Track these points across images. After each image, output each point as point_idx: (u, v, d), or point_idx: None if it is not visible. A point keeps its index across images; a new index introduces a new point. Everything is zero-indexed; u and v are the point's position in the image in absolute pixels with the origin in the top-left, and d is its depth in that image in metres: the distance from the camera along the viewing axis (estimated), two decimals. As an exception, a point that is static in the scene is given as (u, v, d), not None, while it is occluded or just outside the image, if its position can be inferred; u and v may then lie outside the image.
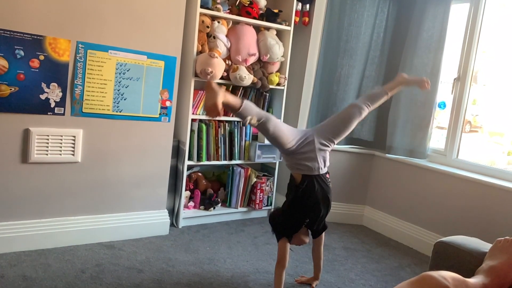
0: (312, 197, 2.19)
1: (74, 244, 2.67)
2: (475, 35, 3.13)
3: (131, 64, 2.70)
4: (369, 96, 2.37)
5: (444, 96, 3.37)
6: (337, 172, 3.70)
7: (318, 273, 2.49)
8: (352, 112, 2.28)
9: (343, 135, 2.29)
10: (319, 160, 2.19)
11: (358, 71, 3.57)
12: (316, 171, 2.19)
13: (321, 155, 2.20)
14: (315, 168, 2.18)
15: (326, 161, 2.25)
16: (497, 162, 3.75)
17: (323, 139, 2.21)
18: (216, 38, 3.08)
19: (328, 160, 2.26)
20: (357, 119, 2.27)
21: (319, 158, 2.19)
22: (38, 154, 2.47)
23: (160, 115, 2.88)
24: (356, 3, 3.48)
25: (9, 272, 2.26)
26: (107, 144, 2.71)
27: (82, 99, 2.57)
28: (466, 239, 1.64)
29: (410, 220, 3.39)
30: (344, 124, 2.26)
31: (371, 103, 2.31)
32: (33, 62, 2.39)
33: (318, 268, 2.48)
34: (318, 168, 2.19)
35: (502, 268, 1.28)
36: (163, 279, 2.39)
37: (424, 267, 2.92)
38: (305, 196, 2.19)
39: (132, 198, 2.87)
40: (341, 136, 2.29)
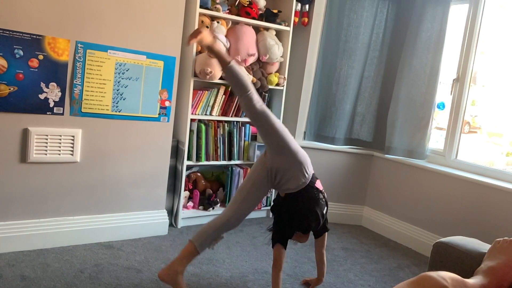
0: (296, 212, 2.12)
1: (73, 244, 2.67)
2: (474, 35, 3.13)
3: (130, 64, 2.70)
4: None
5: (443, 96, 3.37)
6: (336, 173, 3.70)
7: (321, 277, 2.40)
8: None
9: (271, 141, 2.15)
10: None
11: (357, 72, 3.58)
12: (300, 186, 2.12)
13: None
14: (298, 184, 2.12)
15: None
16: (496, 163, 3.76)
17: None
18: (215, 38, 3.08)
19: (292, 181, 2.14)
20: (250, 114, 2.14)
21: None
22: (37, 154, 2.47)
23: (159, 115, 2.88)
24: (355, 4, 3.48)
25: (8, 272, 2.26)
26: (106, 144, 2.71)
27: (81, 99, 2.57)
28: (465, 239, 1.65)
29: (409, 221, 3.39)
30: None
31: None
32: (32, 62, 2.38)
33: (321, 272, 2.39)
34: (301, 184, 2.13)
35: (501, 269, 1.28)
36: (162, 279, 2.38)
37: (423, 267, 2.92)
38: (288, 211, 2.13)
39: (131, 198, 2.87)
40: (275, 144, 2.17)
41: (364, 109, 3.66)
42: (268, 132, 2.09)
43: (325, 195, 2.21)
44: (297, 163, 2.10)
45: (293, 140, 2.14)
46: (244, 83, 2.06)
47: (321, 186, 2.22)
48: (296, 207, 2.11)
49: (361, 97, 3.65)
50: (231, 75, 2.07)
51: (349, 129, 3.70)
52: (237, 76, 2.06)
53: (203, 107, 3.18)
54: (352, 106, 3.64)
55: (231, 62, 2.06)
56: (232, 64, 2.06)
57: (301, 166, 2.11)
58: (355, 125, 3.70)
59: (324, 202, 2.18)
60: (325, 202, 2.20)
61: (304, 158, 2.14)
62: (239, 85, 2.07)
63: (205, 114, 3.21)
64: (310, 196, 2.12)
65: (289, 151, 2.10)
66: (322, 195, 2.18)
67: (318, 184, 2.21)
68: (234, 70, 2.06)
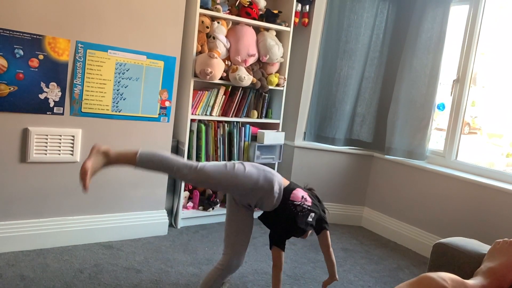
0: (280, 226, 2.05)
1: (73, 244, 2.67)
2: (474, 36, 3.13)
3: (131, 64, 2.70)
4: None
5: (443, 97, 3.37)
6: (336, 173, 3.70)
7: (331, 277, 2.20)
8: None
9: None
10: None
11: (357, 72, 3.58)
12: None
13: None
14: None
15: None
16: (496, 164, 3.75)
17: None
18: (215, 39, 3.08)
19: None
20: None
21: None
22: (37, 153, 2.47)
23: (159, 115, 2.88)
24: (356, 4, 3.48)
25: (7, 271, 2.25)
26: (106, 144, 2.67)
27: (81, 99, 2.57)
28: (465, 240, 1.64)
29: (409, 222, 3.39)
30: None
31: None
32: (33, 62, 2.38)
33: (330, 271, 2.21)
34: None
35: (501, 270, 1.28)
36: (161, 279, 2.38)
37: (423, 268, 2.92)
38: (274, 223, 2.08)
39: (131, 198, 2.86)
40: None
41: (364, 109, 3.66)
42: (218, 186, 2.02)
43: (305, 202, 2.04)
44: (262, 191, 1.99)
45: (248, 173, 1.96)
46: (164, 164, 1.88)
47: (299, 195, 2.05)
48: (278, 223, 2.04)
49: (361, 97, 3.65)
50: (146, 165, 1.88)
51: (349, 129, 3.70)
52: (153, 161, 1.88)
53: (203, 108, 3.18)
54: (352, 106, 3.64)
55: (137, 153, 1.85)
56: (139, 155, 1.85)
57: (268, 192, 1.98)
58: (355, 125, 3.70)
59: (307, 209, 2.03)
60: (309, 209, 2.04)
61: (267, 182, 1.98)
62: (161, 167, 1.89)
63: (205, 114, 3.21)
64: (287, 216, 2.01)
65: (251, 188, 1.97)
66: (301, 206, 2.02)
67: (296, 194, 2.05)
68: (145, 159, 1.86)
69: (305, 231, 2.06)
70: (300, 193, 2.07)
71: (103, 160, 1.85)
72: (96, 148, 1.85)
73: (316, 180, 3.68)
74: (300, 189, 2.11)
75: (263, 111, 3.48)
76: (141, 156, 1.85)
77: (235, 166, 1.97)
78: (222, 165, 1.97)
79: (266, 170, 2.04)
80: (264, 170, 2.03)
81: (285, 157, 3.67)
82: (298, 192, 2.06)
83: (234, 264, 2.05)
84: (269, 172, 2.04)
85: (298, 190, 2.08)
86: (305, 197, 2.07)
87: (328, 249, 2.17)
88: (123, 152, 1.88)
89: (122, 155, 1.87)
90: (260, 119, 3.45)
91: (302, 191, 2.10)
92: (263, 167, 2.06)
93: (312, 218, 2.07)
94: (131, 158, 1.86)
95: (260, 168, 2.03)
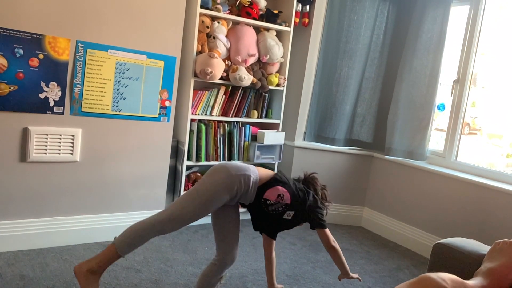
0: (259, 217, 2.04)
1: (72, 244, 2.67)
2: (474, 37, 3.13)
3: (131, 63, 2.70)
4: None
5: (443, 98, 3.38)
6: (336, 174, 3.70)
7: (343, 274, 2.08)
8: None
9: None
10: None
11: (357, 73, 3.58)
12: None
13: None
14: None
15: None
16: (496, 164, 3.75)
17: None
18: (216, 39, 3.08)
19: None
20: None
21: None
22: (36, 153, 2.47)
23: (159, 115, 2.88)
24: (356, 5, 3.48)
25: (7, 271, 2.25)
26: (106, 143, 2.71)
27: (81, 99, 2.57)
28: (465, 241, 1.64)
29: (408, 222, 3.39)
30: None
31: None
32: (33, 61, 2.38)
33: (341, 270, 2.08)
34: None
35: (500, 270, 1.28)
36: (161, 279, 2.38)
37: (423, 269, 2.92)
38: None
39: (131, 198, 2.86)
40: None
41: (364, 110, 3.66)
42: (202, 214, 1.92)
43: (281, 200, 1.95)
44: (240, 194, 1.92)
45: (219, 190, 1.87)
46: (144, 235, 1.86)
47: (276, 194, 1.95)
48: (259, 217, 2.04)
49: (361, 98, 3.65)
50: (131, 247, 1.85)
51: (349, 130, 3.70)
52: (134, 241, 1.85)
53: (203, 107, 3.18)
54: (352, 107, 3.64)
55: (115, 247, 1.83)
56: (117, 247, 1.83)
57: (244, 192, 1.92)
58: (355, 126, 3.70)
59: (282, 209, 1.95)
60: (283, 208, 1.96)
61: (243, 184, 1.90)
62: (145, 239, 1.87)
63: (205, 114, 3.21)
64: (259, 213, 1.99)
65: (229, 199, 1.91)
66: (275, 206, 1.95)
67: (272, 192, 1.95)
68: (125, 245, 1.83)
69: (286, 227, 2.04)
70: (277, 191, 1.95)
71: (94, 277, 1.82)
72: (78, 272, 1.81)
73: (316, 180, 3.68)
74: (280, 187, 1.96)
75: (263, 111, 3.48)
76: (120, 246, 1.84)
77: (204, 188, 1.88)
78: (195, 196, 1.88)
79: (239, 173, 1.91)
80: (237, 173, 1.91)
81: (285, 157, 3.67)
82: (276, 191, 1.95)
83: (229, 259, 2.04)
84: (243, 173, 1.92)
85: (276, 189, 1.95)
86: (283, 196, 1.95)
87: (330, 248, 2.02)
88: (102, 256, 1.84)
89: (104, 259, 1.84)
90: (260, 119, 3.45)
91: (283, 189, 1.97)
92: (236, 167, 1.94)
93: (290, 215, 1.99)
94: (113, 255, 1.84)
95: (233, 174, 1.90)
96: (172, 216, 1.86)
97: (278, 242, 3.13)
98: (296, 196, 2.00)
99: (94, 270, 1.82)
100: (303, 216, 2.03)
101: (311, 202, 2.03)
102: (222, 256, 2.03)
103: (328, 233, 2.04)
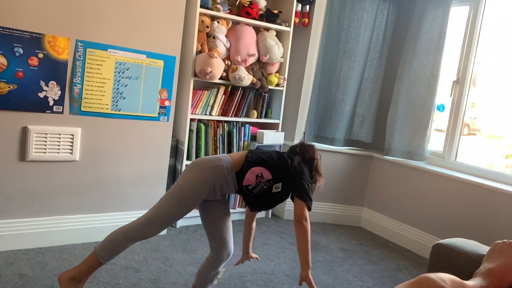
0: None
1: (71, 243, 2.66)
2: (474, 38, 3.13)
3: (130, 63, 2.70)
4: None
5: (443, 98, 3.38)
6: (335, 174, 3.70)
7: (304, 267, 1.86)
8: None
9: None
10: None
11: (357, 73, 3.58)
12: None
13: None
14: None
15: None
16: (495, 165, 3.75)
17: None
18: (215, 38, 3.08)
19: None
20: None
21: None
22: (36, 152, 2.47)
23: (159, 115, 2.88)
24: (356, 5, 3.48)
25: (6, 270, 2.25)
26: (105, 143, 2.70)
27: (81, 98, 2.56)
28: (464, 241, 1.64)
29: (408, 222, 3.39)
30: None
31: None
32: (32, 60, 2.38)
33: (302, 261, 1.88)
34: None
35: (500, 271, 1.28)
36: (160, 278, 2.38)
37: (422, 269, 2.92)
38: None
39: (130, 198, 2.86)
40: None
41: (364, 110, 3.66)
42: (176, 218, 1.92)
43: (262, 179, 1.87)
44: (219, 187, 1.87)
45: (196, 187, 1.84)
46: (123, 242, 1.89)
47: (254, 175, 1.86)
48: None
49: (361, 98, 3.65)
50: (112, 253, 1.89)
51: (348, 130, 3.70)
52: (114, 247, 1.88)
53: (203, 107, 3.18)
54: (352, 107, 3.65)
55: (95, 254, 1.87)
56: (98, 254, 1.86)
57: (224, 184, 1.87)
58: (354, 126, 3.70)
59: (266, 186, 1.88)
60: (267, 185, 1.88)
61: (219, 178, 1.85)
62: (126, 245, 1.90)
63: (204, 114, 3.20)
64: (251, 198, 1.93)
65: (209, 193, 1.87)
66: (258, 187, 1.88)
67: (249, 177, 1.87)
68: (105, 251, 1.87)
69: (280, 200, 1.93)
70: (254, 173, 1.87)
71: (76, 285, 1.86)
72: (60, 280, 1.86)
73: (315, 180, 3.68)
74: (255, 168, 1.87)
75: (263, 111, 3.48)
76: (100, 253, 1.85)
77: (178, 188, 1.85)
78: (170, 196, 1.86)
79: (210, 165, 1.86)
80: (208, 166, 1.86)
81: (284, 157, 3.66)
82: (252, 173, 1.87)
83: (225, 254, 2.02)
84: (214, 165, 1.86)
85: (251, 171, 1.87)
86: (262, 174, 1.87)
87: (298, 223, 1.83)
88: (84, 264, 1.87)
89: (85, 267, 1.87)
90: (260, 119, 3.45)
91: (258, 168, 1.87)
92: (207, 161, 1.89)
93: (279, 188, 1.90)
94: (94, 262, 1.86)
95: (204, 168, 1.86)
96: (149, 220, 1.86)
97: (278, 242, 3.13)
98: (277, 167, 1.88)
99: (77, 278, 1.85)
100: (290, 183, 1.90)
101: (296, 167, 1.90)
102: (217, 251, 2.02)
103: (305, 208, 1.84)
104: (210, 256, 2.05)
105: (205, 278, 2.06)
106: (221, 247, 2.01)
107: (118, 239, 1.88)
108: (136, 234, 1.87)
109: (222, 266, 2.07)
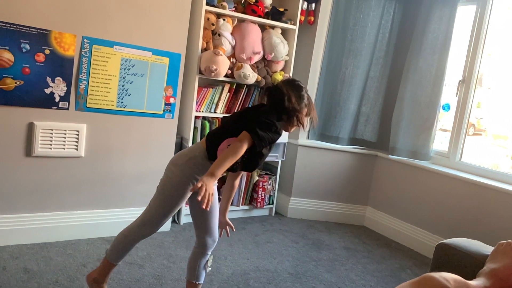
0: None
1: (76, 238, 2.68)
2: (481, 37, 3.11)
3: (136, 60, 2.70)
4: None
5: (448, 98, 3.36)
6: (339, 172, 3.70)
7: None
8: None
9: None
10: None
11: (362, 72, 3.57)
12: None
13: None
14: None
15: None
16: (501, 166, 3.73)
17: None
18: (221, 36, 3.08)
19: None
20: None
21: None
22: (42, 148, 2.48)
23: (164, 112, 2.88)
24: (362, 3, 3.47)
25: (11, 264, 2.27)
26: (110, 139, 2.72)
27: (86, 94, 2.58)
28: (468, 241, 1.64)
29: (411, 222, 3.38)
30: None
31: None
32: (39, 56, 2.39)
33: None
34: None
35: (503, 271, 1.27)
36: (163, 275, 2.39)
37: (425, 269, 2.91)
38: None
39: (135, 194, 2.87)
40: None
41: (369, 109, 3.66)
42: (167, 215, 1.92)
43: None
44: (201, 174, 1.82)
45: (171, 176, 1.86)
46: (128, 243, 1.96)
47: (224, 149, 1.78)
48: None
49: (366, 97, 3.64)
50: (121, 254, 1.99)
51: (353, 129, 3.69)
52: (120, 249, 1.97)
53: (208, 104, 3.18)
54: (357, 106, 3.64)
55: (105, 253, 2.00)
56: (108, 257, 1.97)
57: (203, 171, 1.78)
58: (359, 125, 3.69)
59: (244, 156, 1.75)
60: (243, 156, 1.76)
61: (188, 168, 1.84)
62: (131, 245, 1.98)
63: (209, 111, 3.21)
64: (239, 168, 1.89)
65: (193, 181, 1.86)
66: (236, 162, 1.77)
67: (221, 151, 1.80)
68: (115, 253, 1.97)
69: (260, 155, 1.84)
70: (223, 148, 1.78)
71: (98, 285, 2.01)
72: (87, 280, 2.03)
73: (319, 179, 3.68)
74: (220, 145, 1.80)
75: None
76: (110, 256, 1.97)
77: (162, 187, 1.89)
78: (157, 197, 1.90)
79: (185, 158, 1.85)
80: (184, 160, 1.85)
81: (288, 155, 3.67)
82: (222, 151, 1.78)
83: (209, 241, 2.00)
84: (189, 157, 1.84)
85: (220, 149, 1.80)
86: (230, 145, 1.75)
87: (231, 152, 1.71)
88: (100, 267, 2.01)
89: (102, 269, 2.00)
90: (264, 117, 3.44)
91: (224, 144, 1.79)
92: (181, 155, 1.89)
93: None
94: (108, 265, 1.99)
95: (181, 163, 1.85)
96: (142, 222, 1.92)
97: (281, 240, 3.13)
98: (240, 130, 1.73)
99: (97, 280, 2.00)
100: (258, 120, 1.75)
101: (263, 115, 1.76)
102: (202, 238, 2.00)
103: (247, 135, 1.68)
104: (195, 248, 2.04)
105: (196, 269, 2.05)
106: (205, 234, 1.99)
107: (121, 241, 1.97)
108: (135, 235, 1.94)
109: (209, 253, 2.05)
